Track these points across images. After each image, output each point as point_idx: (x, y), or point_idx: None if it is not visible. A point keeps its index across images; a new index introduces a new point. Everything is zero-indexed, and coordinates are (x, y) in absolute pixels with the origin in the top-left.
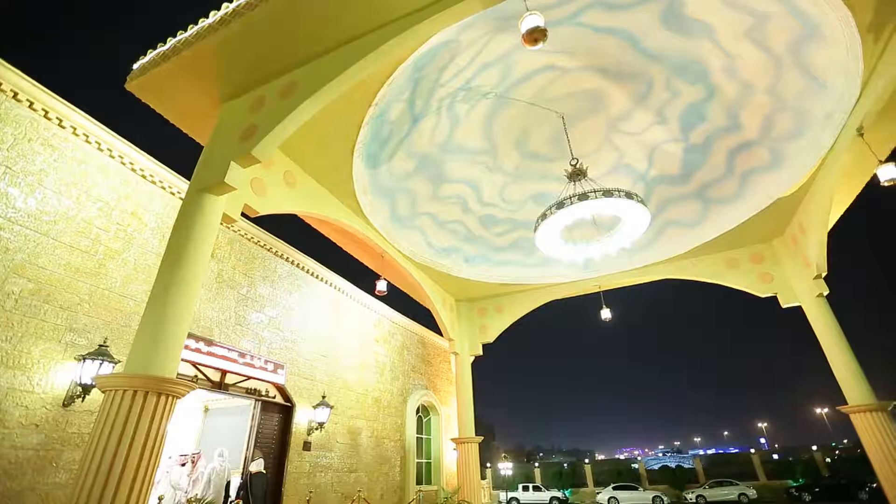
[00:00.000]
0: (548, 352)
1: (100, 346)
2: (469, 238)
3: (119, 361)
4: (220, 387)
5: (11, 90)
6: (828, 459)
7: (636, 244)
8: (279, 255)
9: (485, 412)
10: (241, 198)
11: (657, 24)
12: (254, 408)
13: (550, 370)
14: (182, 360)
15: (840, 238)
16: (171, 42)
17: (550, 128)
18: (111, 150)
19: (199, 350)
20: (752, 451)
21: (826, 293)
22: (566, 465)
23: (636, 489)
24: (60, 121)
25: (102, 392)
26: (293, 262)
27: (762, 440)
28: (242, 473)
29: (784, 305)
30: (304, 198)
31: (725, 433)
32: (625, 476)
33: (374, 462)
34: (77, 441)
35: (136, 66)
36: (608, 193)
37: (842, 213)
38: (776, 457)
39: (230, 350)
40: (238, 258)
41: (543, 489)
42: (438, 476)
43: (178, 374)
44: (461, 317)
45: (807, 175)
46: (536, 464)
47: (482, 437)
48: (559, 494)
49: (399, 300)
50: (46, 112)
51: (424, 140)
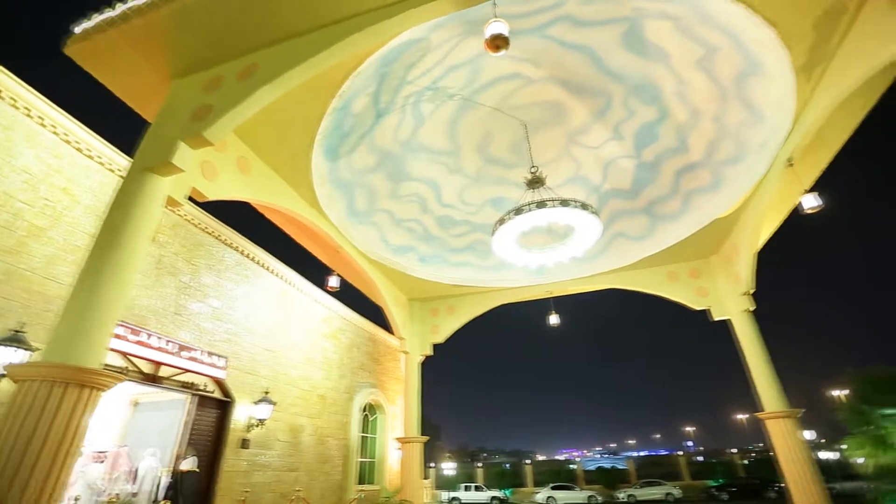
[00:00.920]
0: (497, 354)
1: (14, 332)
2: (426, 238)
3: (37, 349)
4: (153, 379)
5: None
6: (744, 461)
7: (587, 253)
8: (227, 244)
9: (432, 412)
10: (189, 181)
11: (619, 45)
12: (188, 402)
13: (499, 372)
14: (111, 350)
15: (765, 258)
16: (121, 8)
17: (513, 134)
18: (42, 118)
19: (131, 339)
20: (680, 454)
21: (752, 308)
22: (508, 466)
23: (572, 489)
24: None
25: (14, 382)
26: (242, 252)
27: (689, 443)
28: (173, 472)
29: (715, 318)
30: (258, 186)
31: (657, 436)
32: (563, 476)
33: (316, 461)
34: None
35: (78, 30)
36: (565, 203)
37: (770, 236)
38: (700, 459)
39: (167, 341)
40: (182, 244)
41: (485, 489)
42: (381, 476)
43: (105, 365)
44: (413, 316)
45: (742, 198)
46: (479, 464)
47: (427, 438)
48: (500, 494)
49: (351, 296)
50: None
51: (387, 136)
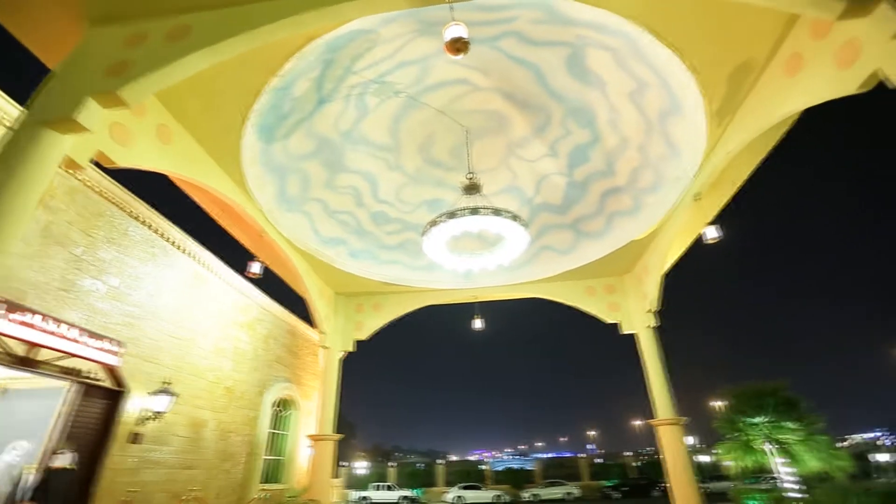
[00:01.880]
0: (419, 354)
1: None
2: (358, 232)
3: None
4: (26, 363)
5: None
6: (636, 463)
7: (513, 263)
8: (135, 217)
9: (349, 410)
10: (95, 142)
11: (563, 67)
12: (70, 391)
13: (420, 373)
14: None
15: (671, 280)
16: None
17: (455, 138)
18: None
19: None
20: (582, 456)
21: (655, 325)
22: (421, 466)
23: (480, 489)
24: None
25: None
26: (152, 228)
27: (591, 446)
28: (44, 470)
29: (623, 332)
30: (180, 158)
31: (564, 439)
32: (473, 476)
33: (216, 458)
34: None
35: None
36: (497, 212)
37: (675, 260)
38: (599, 460)
39: (51, 320)
40: (79, 212)
41: (395, 488)
42: (289, 474)
43: None
44: (338, 311)
45: (655, 224)
46: (392, 463)
47: (342, 436)
48: (410, 493)
49: (273, 286)
50: None
51: (328, 124)
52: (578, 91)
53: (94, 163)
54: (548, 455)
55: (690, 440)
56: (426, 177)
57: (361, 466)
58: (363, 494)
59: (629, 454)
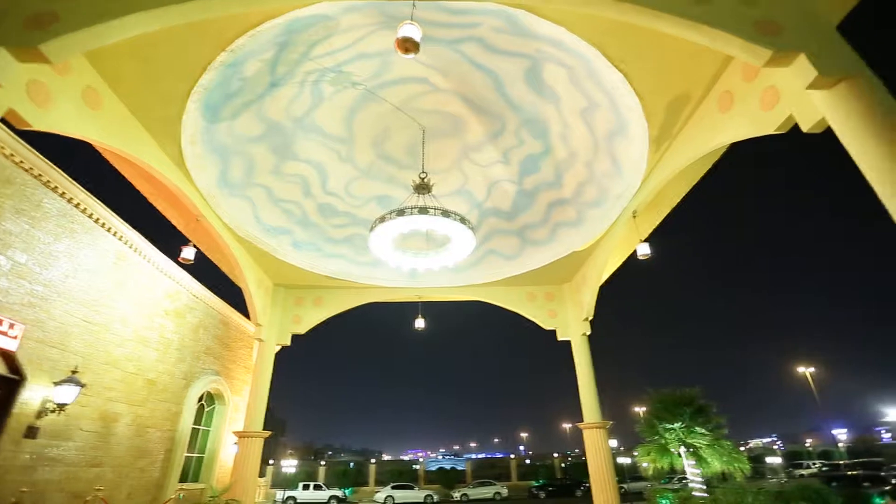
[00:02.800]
0: (358, 352)
1: None
2: (303, 223)
3: None
4: None
5: None
6: (563, 464)
7: (459, 265)
8: (51, 187)
9: (280, 405)
10: (6, 99)
11: (521, 78)
12: None
13: (357, 370)
14: None
15: (605, 290)
16: None
17: (410, 136)
18: None
19: None
20: (512, 456)
21: (588, 333)
22: (352, 465)
23: (412, 488)
24: None
25: None
26: (71, 201)
27: (521, 447)
28: None
29: (559, 338)
30: (109, 127)
31: (497, 440)
32: (406, 476)
33: (129, 455)
34: None
35: None
36: (446, 214)
37: (612, 272)
38: (528, 461)
39: None
40: None
41: (325, 487)
42: (210, 472)
43: None
44: (276, 303)
45: (596, 238)
46: (323, 462)
47: (270, 433)
48: (339, 493)
49: (208, 273)
50: None
51: (280, 109)
52: (534, 103)
53: (4, 122)
54: (480, 455)
55: (614, 443)
56: (378, 172)
57: (290, 465)
58: (290, 494)
59: (557, 455)
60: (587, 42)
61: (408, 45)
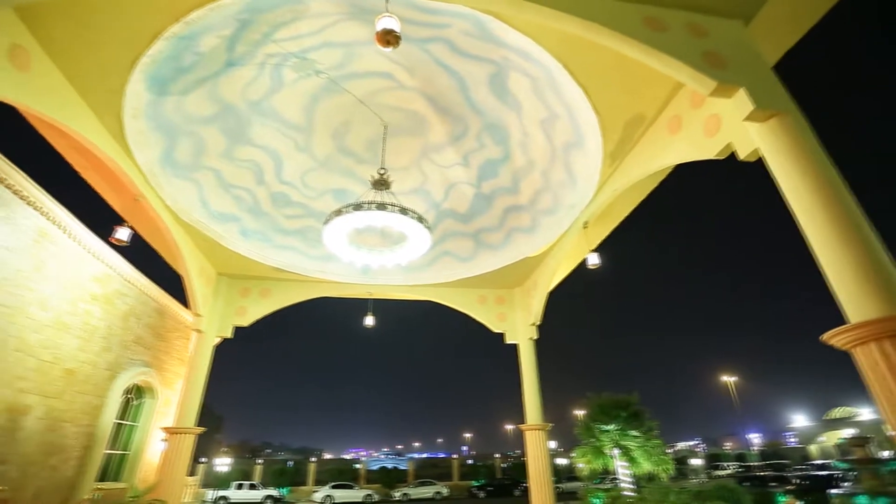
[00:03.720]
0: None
1: None
2: (254, 211)
3: None
4: None
5: None
6: (503, 465)
7: (413, 264)
8: None
9: (217, 400)
10: None
11: (486, 83)
12: None
13: (299, 366)
14: None
15: (554, 296)
16: None
17: (371, 131)
18: None
19: None
20: (455, 457)
21: (535, 337)
22: (290, 464)
23: (352, 488)
24: None
25: None
26: None
27: (464, 448)
28: None
29: (507, 341)
30: (38, 91)
31: (440, 440)
32: (347, 475)
33: (39, 452)
34: None
35: None
36: (404, 212)
37: (561, 280)
38: (471, 462)
39: None
40: None
41: (260, 487)
42: (134, 471)
43: None
44: (219, 293)
45: (548, 245)
46: (260, 460)
47: (204, 429)
48: (275, 493)
49: (145, 257)
50: None
51: (236, 90)
52: (497, 109)
53: None
54: (423, 455)
55: (553, 444)
56: (336, 165)
57: (224, 463)
58: (222, 494)
59: (499, 456)
60: (552, 55)
61: (389, 38)
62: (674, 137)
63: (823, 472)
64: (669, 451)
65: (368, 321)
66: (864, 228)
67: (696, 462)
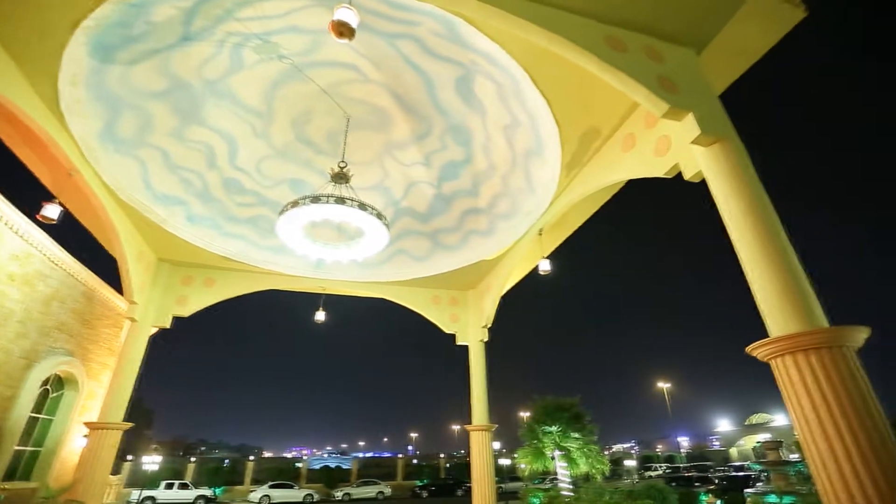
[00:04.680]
0: (246, 341)
1: None
2: (203, 196)
3: None
4: None
5: None
6: (448, 465)
7: (368, 261)
8: None
9: (148, 394)
10: None
11: (452, 84)
12: None
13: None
14: None
15: (505, 300)
16: None
17: (333, 123)
18: None
19: None
20: (399, 456)
21: (485, 340)
22: (227, 462)
23: (291, 487)
24: None
25: None
26: None
27: (410, 447)
28: None
29: (458, 342)
30: None
31: (385, 439)
32: (286, 474)
33: None
34: None
35: None
36: (363, 207)
37: (514, 284)
38: (416, 461)
39: None
40: None
41: (191, 487)
42: (47, 469)
43: None
44: (158, 280)
45: (503, 249)
46: (192, 458)
47: (132, 424)
48: (208, 493)
49: (75, 237)
50: None
51: (190, 66)
52: (462, 111)
53: None
54: (368, 455)
55: (497, 445)
56: (294, 154)
57: (153, 461)
58: (149, 494)
59: (444, 456)
60: (518, 63)
61: (342, 30)
62: (627, 154)
63: (741, 473)
64: (606, 453)
65: (319, 316)
66: (789, 251)
67: (630, 463)
